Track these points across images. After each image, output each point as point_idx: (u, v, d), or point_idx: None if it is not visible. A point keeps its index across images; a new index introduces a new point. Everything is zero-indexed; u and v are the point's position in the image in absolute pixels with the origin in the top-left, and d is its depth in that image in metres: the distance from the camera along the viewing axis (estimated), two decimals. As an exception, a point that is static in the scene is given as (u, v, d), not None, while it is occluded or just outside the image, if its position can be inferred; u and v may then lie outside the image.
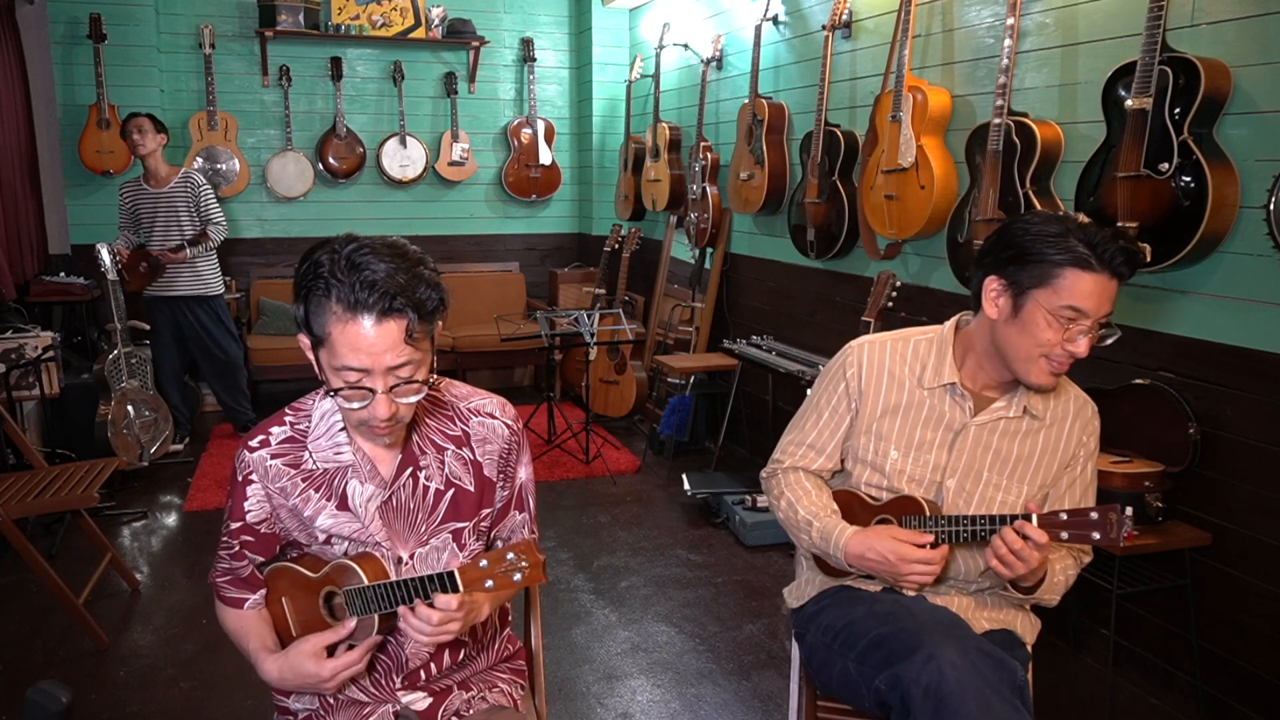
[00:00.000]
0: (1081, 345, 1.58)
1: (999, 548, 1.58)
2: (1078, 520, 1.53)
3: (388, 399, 1.34)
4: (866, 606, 1.74)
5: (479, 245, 6.67)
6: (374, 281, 1.27)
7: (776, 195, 4.46)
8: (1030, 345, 1.60)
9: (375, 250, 1.30)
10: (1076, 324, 1.56)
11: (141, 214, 4.83)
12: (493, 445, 1.56)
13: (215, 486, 4.57)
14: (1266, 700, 2.51)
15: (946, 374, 1.75)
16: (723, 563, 3.76)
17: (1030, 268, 1.57)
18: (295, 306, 1.35)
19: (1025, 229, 1.60)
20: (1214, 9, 2.53)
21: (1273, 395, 2.44)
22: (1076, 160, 2.83)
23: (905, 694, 1.53)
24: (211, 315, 5.04)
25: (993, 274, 1.64)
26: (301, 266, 1.34)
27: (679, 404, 4.99)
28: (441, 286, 1.35)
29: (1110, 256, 1.53)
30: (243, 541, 1.54)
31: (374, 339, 1.29)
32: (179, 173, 4.87)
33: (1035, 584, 1.70)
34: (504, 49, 6.49)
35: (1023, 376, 1.65)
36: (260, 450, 1.49)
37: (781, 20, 4.56)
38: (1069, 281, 1.54)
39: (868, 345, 1.82)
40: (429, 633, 1.38)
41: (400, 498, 1.51)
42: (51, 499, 3.12)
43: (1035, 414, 1.74)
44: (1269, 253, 2.36)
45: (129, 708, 2.74)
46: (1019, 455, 1.75)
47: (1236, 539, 2.57)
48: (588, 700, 2.80)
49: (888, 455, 1.78)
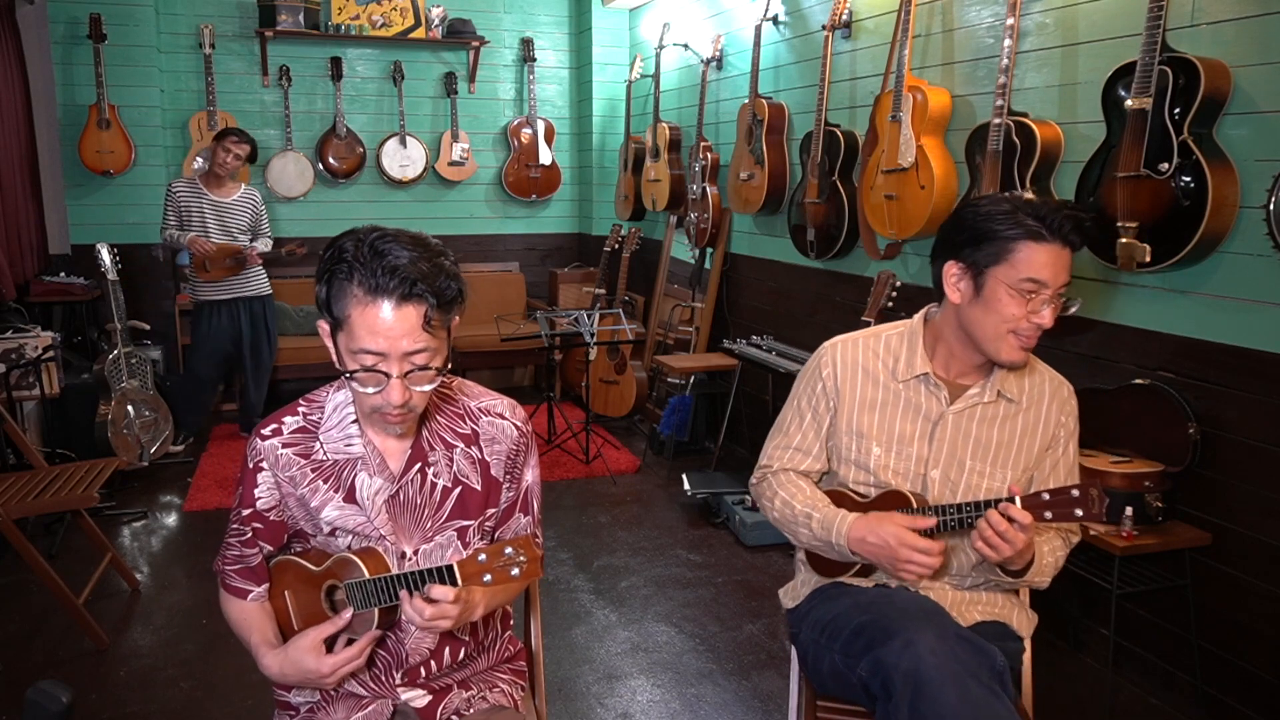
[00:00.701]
0: (1046, 316, 1.62)
1: (984, 530, 1.59)
2: (1060, 499, 1.55)
3: (402, 385, 1.36)
4: (852, 599, 1.76)
5: (479, 245, 6.67)
6: (396, 267, 1.30)
7: (776, 195, 4.46)
8: (996, 323, 1.64)
9: (399, 239, 1.33)
10: (1038, 295, 1.61)
11: (191, 214, 4.85)
12: (501, 445, 1.57)
13: (215, 486, 4.57)
14: (1266, 700, 2.51)
15: (919, 365, 1.78)
16: (723, 563, 3.76)
17: (985, 247, 1.62)
18: (318, 289, 1.37)
19: (976, 211, 1.65)
20: (1214, 9, 2.53)
21: (1273, 395, 2.44)
22: (1076, 160, 2.83)
23: (886, 679, 1.54)
24: (273, 315, 5.18)
25: (951, 259, 1.69)
26: (326, 252, 1.36)
27: (679, 404, 4.99)
28: (461, 279, 1.38)
29: (1059, 225, 1.58)
30: (254, 528, 1.54)
31: (392, 323, 1.31)
32: (241, 188, 4.98)
33: (1024, 567, 1.70)
34: (504, 49, 6.49)
35: (993, 355, 1.69)
36: (272, 439, 1.51)
37: (781, 20, 4.56)
38: (1024, 255, 1.59)
39: (841, 344, 1.85)
40: (419, 624, 1.39)
41: (408, 492, 1.51)
42: (51, 499, 3.12)
43: (1010, 397, 1.77)
44: (1269, 253, 2.36)
45: (129, 708, 2.74)
46: (999, 441, 1.77)
47: (1236, 539, 2.57)
48: (588, 700, 2.80)
49: (870, 452, 1.79)
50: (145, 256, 5.66)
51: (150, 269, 5.71)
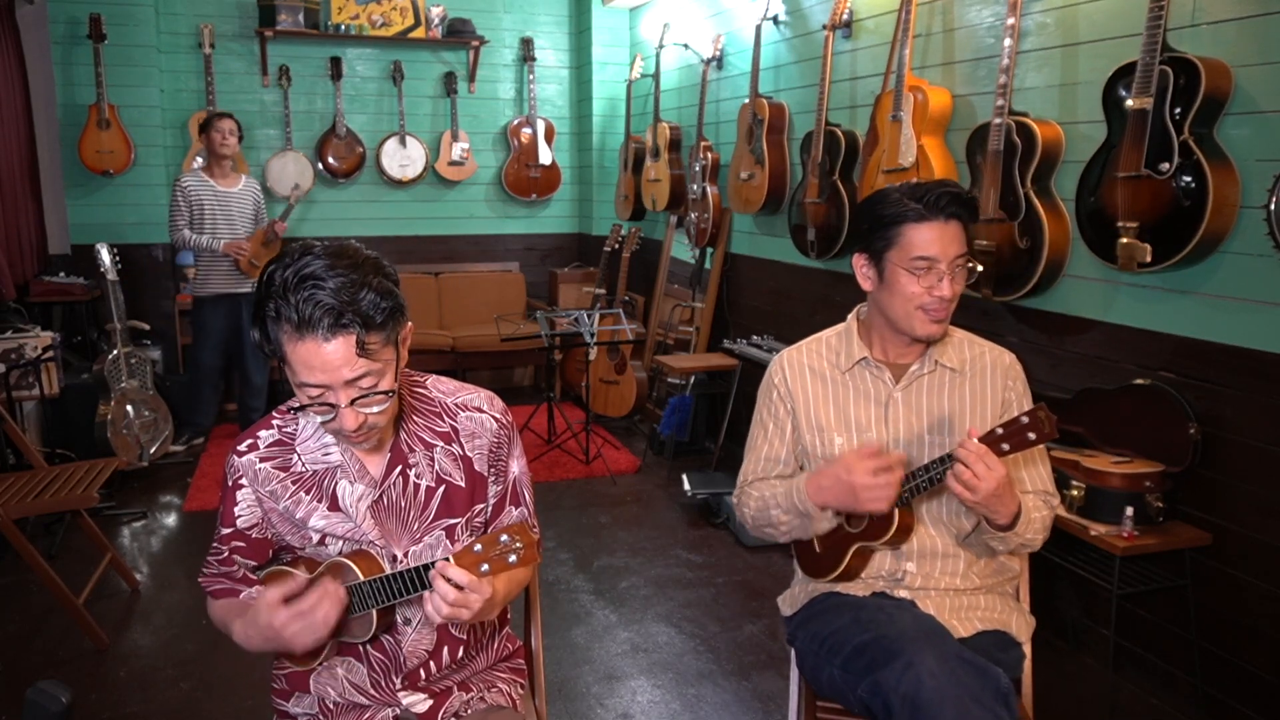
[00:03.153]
0: (945, 288, 1.71)
1: (961, 472, 1.59)
2: (1012, 428, 1.57)
3: (353, 412, 1.34)
4: (852, 614, 1.76)
5: (479, 245, 6.67)
6: (319, 300, 1.26)
7: (777, 195, 4.45)
8: (902, 302, 1.74)
9: (326, 262, 1.29)
10: (933, 271, 1.70)
11: (205, 209, 4.85)
12: (482, 440, 1.55)
13: (215, 486, 4.57)
14: (1266, 700, 2.51)
15: (856, 352, 1.86)
16: (723, 563, 3.75)
17: (879, 234, 1.74)
18: (252, 329, 1.34)
19: (869, 205, 1.78)
20: (1214, 9, 2.53)
21: (1273, 395, 2.44)
22: (1077, 160, 2.83)
23: (886, 701, 1.55)
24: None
25: (857, 251, 1.81)
26: (257, 285, 1.34)
27: (679, 404, 4.99)
28: (394, 294, 1.33)
29: (936, 201, 1.68)
30: (233, 547, 1.53)
31: (327, 356, 1.29)
32: (243, 178, 4.99)
33: (1011, 522, 1.70)
34: (504, 49, 6.49)
35: (910, 331, 1.77)
36: (249, 454, 1.49)
37: (782, 20, 4.56)
38: (909, 236, 1.70)
39: (786, 354, 1.95)
40: (444, 613, 1.32)
41: (391, 496, 1.50)
42: (51, 499, 3.12)
43: (950, 366, 1.83)
44: (1269, 253, 2.36)
45: (129, 708, 2.74)
46: (951, 410, 1.82)
47: (1236, 539, 2.57)
48: (588, 700, 2.80)
49: (833, 442, 1.85)
50: (145, 256, 5.66)
51: (150, 269, 5.70)
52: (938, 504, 1.80)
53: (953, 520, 1.81)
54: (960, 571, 1.81)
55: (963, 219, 1.71)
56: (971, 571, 1.81)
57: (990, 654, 1.71)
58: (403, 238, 6.41)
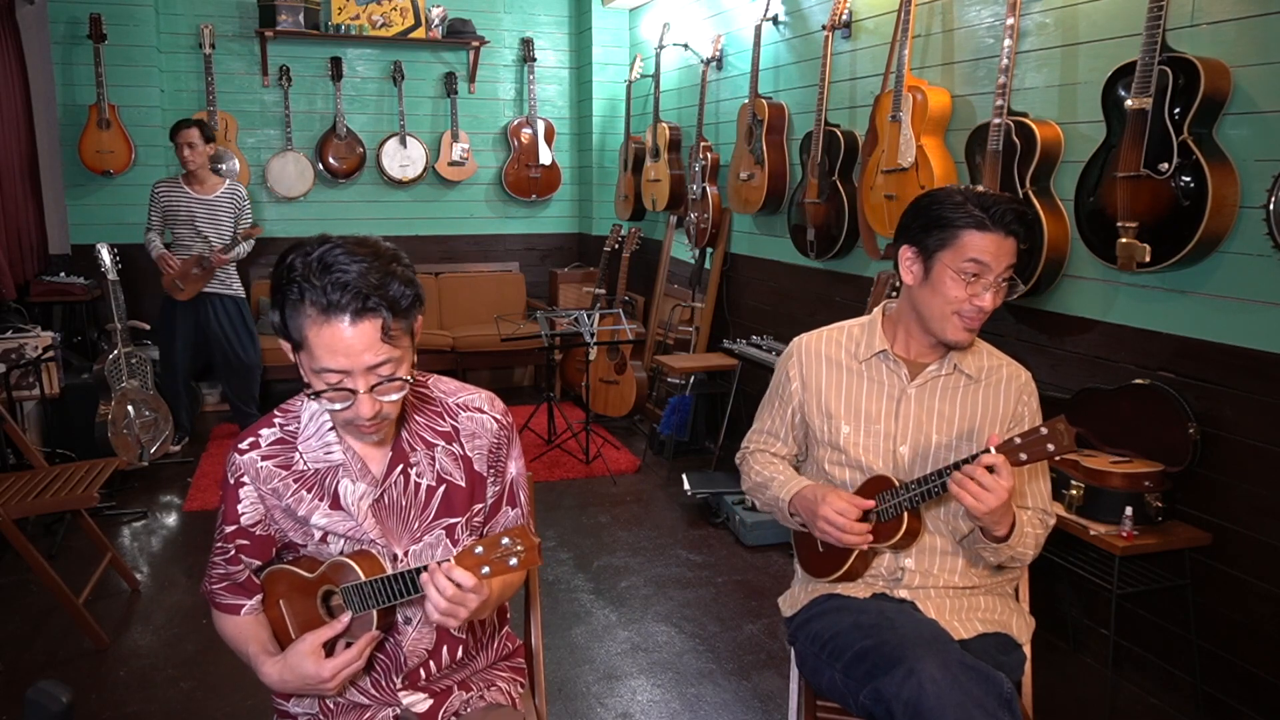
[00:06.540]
0: (987, 299, 1.72)
1: (966, 482, 1.60)
2: (1030, 439, 1.58)
3: (370, 398, 1.34)
4: (853, 618, 1.76)
5: (479, 245, 6.67)
6: (346, 283, 1.28)
7: (776, 195, 4.46)
8: (942, 304, 1.75)
9: (348, 250, 1.30)
10: (980, 280, 1.72)
11: (179, 215, 4.82)
12: (482, 440, 1.56)
13: (215, 486, 4.56)
14: (1266, 700, 2.51)
15: (877, 344, 1.88)
16: (723, 563, 3.76)
17: (935, 233, 1.74)
18: (271, 313, 1.35)
19: (931, 201, 1.77)
20: (1214, 9, 2.53)
21: (1273, 395, 2.44)
22: (1076, 160, 2.83)
23: (889, 708, 1.55)
24: (236, 314, 5.05)
25: (906, 244, 1.81)
26: (275, 271, 1.34)
27: (679, 404, 4.99)
28: (416, 283, 1.35)
29: (1001, 215, 1.69)
30: (238, 545, 1.54)
31: (350, 340, 1.30)
32: (224, 183, 4.92)
33: (1007, 533, 1.71)
34: (504, 49, 6.49)
35: (939, 334, 1.79)
36: (250, 452, 1.50)
37: (781, 20, 4.56)
38: (968, 241, 1.70)
39: (807, 338, 1.97)
40: (441, 609, 1.33)
41: (392, 495, 1.51)
42: (51, 499, 3.12)
43: (967, 373, 1.84)
44: (1269, 253, 2.36)
45: (129, 708, 2.74)
46: (962, 414, 1.83)
47: (1236, 539, 2.57)
48: (588, 700, 2.80)
49: (840, 430, 1.87)
50: (145, 256, 5.62)
51: (150, 269, 5.68)
52: (936, 503, 1.81)
53: (951, 520, 1.81)
54: (959, 569, 1.81)
55: (1020, 237, 1.72)
56: (970, 570, 1.82)
57: (992, 657, 1.71)
58: (403, 238, 6.41)
